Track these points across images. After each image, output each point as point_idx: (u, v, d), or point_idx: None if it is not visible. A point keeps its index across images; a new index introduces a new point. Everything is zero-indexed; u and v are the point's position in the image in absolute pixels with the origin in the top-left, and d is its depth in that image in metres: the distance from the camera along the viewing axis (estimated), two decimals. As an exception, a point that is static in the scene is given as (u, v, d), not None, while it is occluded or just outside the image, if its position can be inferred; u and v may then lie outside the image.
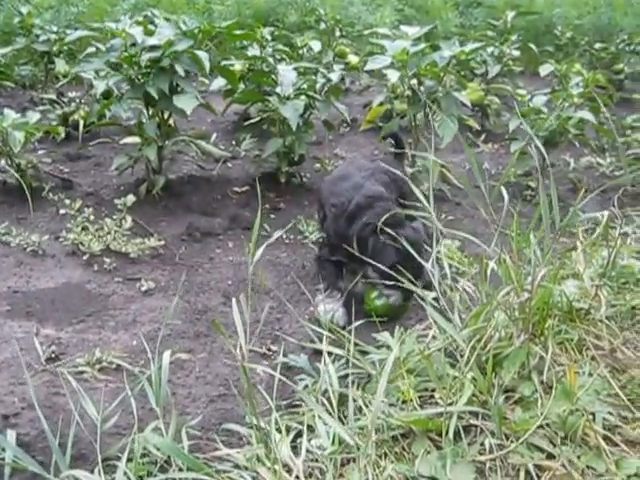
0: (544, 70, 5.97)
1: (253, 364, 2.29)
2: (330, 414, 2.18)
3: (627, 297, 2.96)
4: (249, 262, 2.25)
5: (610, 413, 2.16)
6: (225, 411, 2.45)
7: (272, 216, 4.18)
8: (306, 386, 2.43)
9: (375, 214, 3.01)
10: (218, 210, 4.18)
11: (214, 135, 5.19)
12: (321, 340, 2.61)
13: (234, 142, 5.18)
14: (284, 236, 3.93)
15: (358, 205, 3.16)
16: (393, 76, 4.02)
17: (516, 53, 6.91)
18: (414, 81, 4.32)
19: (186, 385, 2.58)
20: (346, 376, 2.46)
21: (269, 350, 2.86)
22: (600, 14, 9.95)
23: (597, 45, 8.50)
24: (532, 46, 7.08)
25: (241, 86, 4.82)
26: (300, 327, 3.01)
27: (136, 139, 4.17)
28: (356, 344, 2.61)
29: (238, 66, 4.75)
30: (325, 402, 2.23)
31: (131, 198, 3.80)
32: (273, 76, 4.23)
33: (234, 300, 2.13)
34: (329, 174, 4.75)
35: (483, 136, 5.92)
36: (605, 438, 2.05)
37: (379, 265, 2.87)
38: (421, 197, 2.78)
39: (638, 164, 5.45)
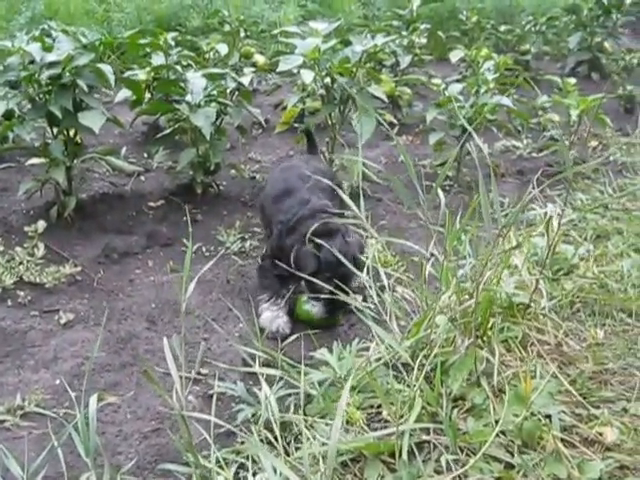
0: (454, 56, 5.99)
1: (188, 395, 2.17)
2: (273, 445, 2.09)
3: (565, 286, 2.95)
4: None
5: (564, 412, 2.12)
6: (160, 447, 2.31)
7: (190, 229, 4.02)
8: (245, 417, 2.31)
9: (310, 226, 2.93)
10: (134, 228, 3.99)
11: (124, 149, 4.99)
12: (253, 358, 2.51)
13: (145, 154, 4.99)
14: (204, 249, 3.80)
15: (300, 218, 3.12)
16: (307, 76, 3.91)
17: (423, 41, 6.91)
18: (327, 79, 4.23)
19: (115, 422, 2.42)
20: (285, 396, 2.38)
21: (200, 374, 2.72)
22: (502, -4, 10.08)
23: (502, 27, 8.57)
24: (440, 33, 7.09)
25: (147, 95, 4.66)
26: (230, 346, 2.89)
27: (43, 160, 3.96)
28: (293, 361, 2.53)
29: (142, 75, 4.58)
30: (267, 433, 2.14)
31: (42, 224, 3.59)
32: (181, 84, 4.08)
33: (165, 341, 1.98)
34: (260, 183, 4.67)
35: (397, 128, 5.88)
36: (562, 440, 2.00)
37: (299, 274, 2.82)
38: (350, 202, 2.71)
39: (554, 145, 5.51)
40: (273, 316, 3.06)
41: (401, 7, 7.70)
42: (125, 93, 4.49)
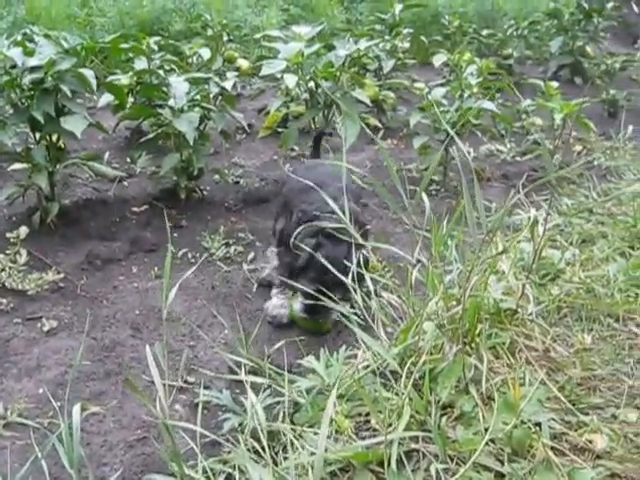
0: (437, 60, 5.98)
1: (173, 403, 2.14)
2: (261, 454, 2.07)
3: (552, 291, 2.94)
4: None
5: (553, 419, 2.10)
6: (146, 457, 2.27)
7: (175, 235, 3.99)
8: (232, 426, 2.28)
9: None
10: (118, 234, 3.94)
11: (106, 154, 4.95)
12: (240, 366, 2.49)
13: (128, 159, 4.95)
14: (189, 255, 3.76)
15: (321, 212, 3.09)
16: (291, 80, 3.89)
17: (406, 45, 6.91)
18: (311, 83, 4.21)
19: (100, 432, 2.38)
20: (272, 405, 2.35)
21: (186, 382, 2.69)
22: (483, 0, 10.09)
23: (484, 32, 8.60)
24: (422, 38, 7.10)
25: (130, 100, 4.62)
26: (216, 354, 2.86)
27: (25, 165, 3.92)
28: (279, 369, 2.51)
29: (125, 80, 4.54)
30: (254, 443, 2.11)
31: (24, 230, 3.53)
32: (164, 88, 4.05)
33: (148, 349, 1.95)
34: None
35: (381, 132, 5.87)
36: (552, 448, 1.98)
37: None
38: (335, 207, 2.70)
39: (538, 149, 5.52)
40: (278, 304, 3.15)
41: (383, 12, 7.70)
42: (108, 98, 4.45)
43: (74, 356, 2.77)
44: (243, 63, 6.61)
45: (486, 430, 2.00)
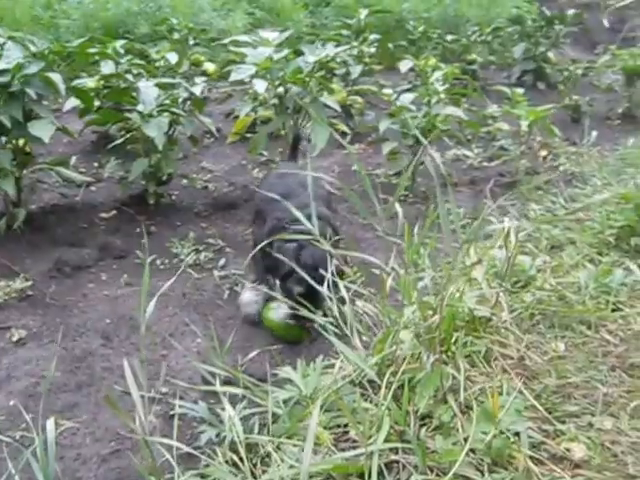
0: (404, 66, 6.01)
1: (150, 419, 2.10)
2: (239, 467, 2.04)
3: (525, 298, 2.96)
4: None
5: (531, 428, 2.11)
6: (121, 470, 2.24)
7: (143, 241, 3.95)
8: (209, 439, 2.25)
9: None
10: (86, 240, 3.89)
11: (73, 158, 4.89)
12: (214, 376, 2.46)
13: (95, 164, 4.90)
14: (158, 262, 3.73)
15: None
16: (260, 86, 3.88)
17: (372, 50, 6.93)
18: (280, 89, 4.20)
19: (74, 445, 2.34)
20: (248, 416, 2.33)
21: (159, 393, 2.65)
22: (446, 6, 10.15)
23: (449, 37, 8.65)
24: (389, 44, 7.13)
25: (96, 103, 4.56)
26: (188, 363, 2.83)
27: (-9, 170, 3.85)
28: (255, 379, 2.49)
29: (91, 83, 4.48)
30: (232, 455, 2.09)
31: (-9, 237, 3.50)
32: (133, 93, 4.00)
33: (125, 363, 1.92)
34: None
35: (349, 137, 5.87)
36: (531, 457, 1.98)
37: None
38: (300, 215, 2.67)
39: (504, 154, 5.56)
40: (251, 300, 3.19)
41: (348, 16, 7.71)
42: (74, 101, 4.38)
43: (45, 366, 2.73)
44: (209, 67, 6.58)
45: (465, 440, 2.00)
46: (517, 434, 2.05)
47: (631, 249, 3.59)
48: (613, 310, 2.98)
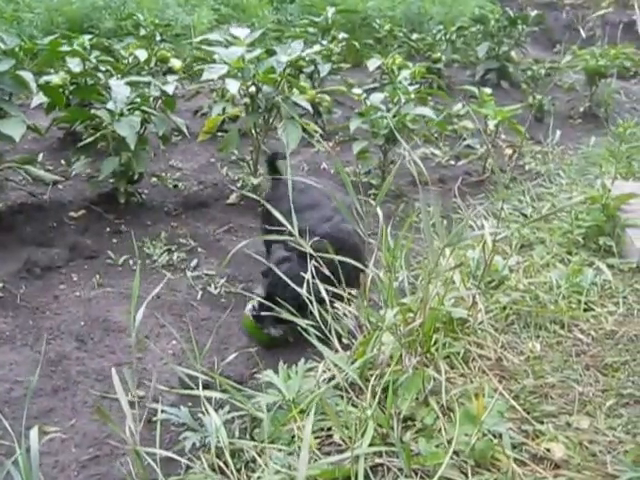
0: (372, 65, 6.04)
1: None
2: (222, 473, 2.04)
3: (499, 299, 2.99)
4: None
5: (511, 429, 2.13)
6: (101, 476, 2.22)
7: (114, 240, 3.91)
8: (194, 444, 2.23)
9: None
10: (56, 239, 3.83)
11: (40, 155, 4.82)
12: (190, 378, 2.44)
13: (63, 161, 4.83)
14: (130, 262, 3.69)
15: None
16: (233, 86, 3.85)
17: (339, 48, 6.94)
18: (252, 88, 4.18)
19: (51, 452, 2.31)
20: (229, 420, 2.32)
21: (136, 396, 2.63)
22: (410, 4, 10.17)
23: (414, 36, 8.69)
24: (355, 43, 7.14)
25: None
26: (165, 365, 2.82)
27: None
28: (232, 381, 2.48)
29: (57, 79, 4.41)
30: (215, 460, 2.08)
31: (-42, 236, 3.44)
32: (103, 91, 3.95)
33: (114, 372, 1.90)
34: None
35: (317, 135, 5.86)
36: (513, 458, 2.01)
37: None
38: (279, 216, 2.66)
39: (471, 153, 5.61)
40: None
41: (313, 14, 7.71)
42: (41, 97, 4.32)
43: (19, 371, 2.71)
44: (176, 63, 6.51)
45: (449, 442, 2.01)
46: (498, 435, 2.08)
47: (599, 248, 3.66)
48: (585, 310, 3.03)
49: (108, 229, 3.99)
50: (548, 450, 2.09)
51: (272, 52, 4.16)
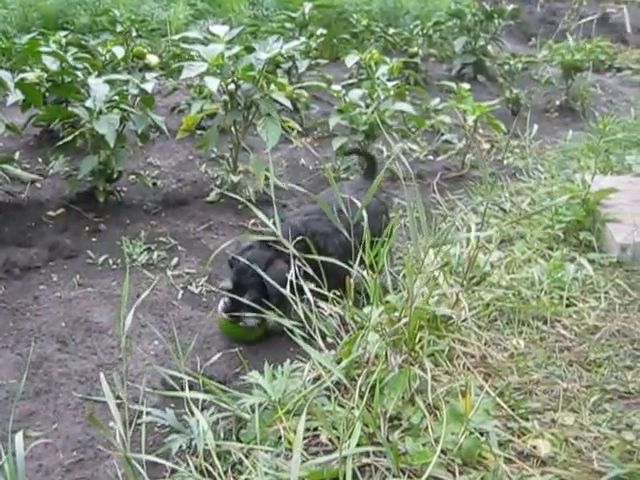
0: (349, 61, 6.02)
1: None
2: (207, 475, 2.03)
3: (482, 295, 2.99)
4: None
5: (497, 427, 2.14)
6: (86, 480, 2.21)
7: (94, 239, 3.87)
8: (179, 447, 2.22)
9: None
10: (35, 239, 3.79)
11: (17, 154, 4.77)
12: (173, 378, 2.42)
13: (40, 159, 4.78)
14: (110, 261, 3.66)
15: None
16: (213, 84, 3.81)
17: (314, 44, 6.93)
18: (232, 86, 4.16)
19: (34, 456, 2.27)
20: (215, 421, 2.30)
21: (118, 398, 2.60)
22: (386, -1, 10.20)
23: (391, 30, 8.69)
24: (332, 37, 7.12)
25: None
26: (147, 366, 2.79)
27: None
28: (217, 382, 2.47)
29: (33, 76, 4.36)
30: (201, 461, 2.06)
31: None
32: (81, 89, 3.91)
33: (102, 377, 1.88)
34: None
35: (295, 131, 5.85)
36: (500, 456, 2.02)
37: None
38: (260, 214, 2.64)
39: (449, 148, 5.61)
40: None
41: (289, 9, 7.68)
42: (18, 96, 4.26)
43: (0, 374, 2.66)
44: (152, 59, 6.47)
45: (436, 441, 2.02)
46: (484, 433, 2.08)
47: (580, 243, 3.68)
48: (567, 305, 3.05)
49: (87, 228, 3.95)
50: (534, 447, 2.10)
51: (251, 49, 4.13)
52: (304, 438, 2.13)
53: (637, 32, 11.58)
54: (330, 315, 2.57)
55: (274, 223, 2.60)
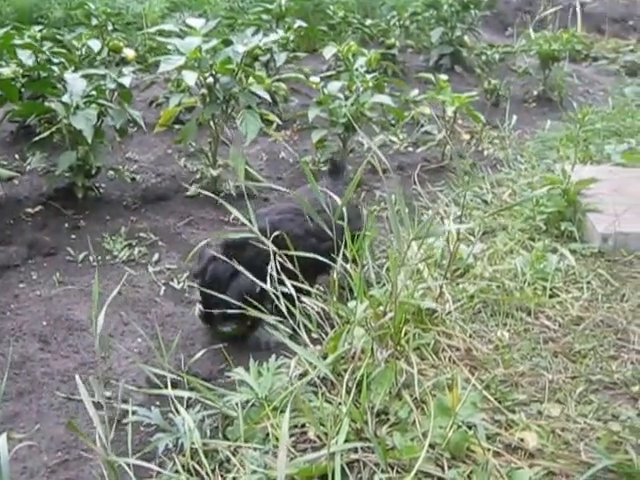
0: (327, 53, 5.99)
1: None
2: (194, 474, 2.01)
3: (465, 287, 2.99)
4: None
5: (484, 419, 2.14)
6: (70, 482, 2.19)
7: (73, 236, 3.83)
8: (166, 446, 2.19)
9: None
10: (13, 237, 3.74)
11: (-7, 150, 4.73)
12: (159, 377, 2.40)
13: (17, 156, 4.72)
14: (91, 258, 3.62)
15: None
16: (190, 78, 3.78)
17: (291, 36, 6.90)
18: (210, 79, 4.12)
19: (19, 457, 2.23)
20: (201, 419, 2.28)
21: (103, 397, 2.57)
22: (363, -11, 10.16)
23: (368, 22, 8.68)
24: (311, 31, 7.10)
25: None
26: (131, 364, 2.77)
27: None
28: (201, 378, 2.46)
29: (8, 71, 4.30)
30: (188, 460, 2.04)
31: None
32: (58, 84, 3.86)
33: (78, 379, 1.85)
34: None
35: (275, 124, 5.82)
36: (488, 449, 2.01)
37: None
38: (234, 210, 2.61)
39: (429, 139, 5.60)
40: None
41: (266, 0, 7.63)
42: (-8, 92, 4.21)
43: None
44: (129, 53, 6.41)
45: (424, 435, 2.01)
46: (472, 427, 2.08)
47: (561, 234, 3.68)
48: (550, 296, 3.05)
49: (66, 225, 3.91)
50: (522, 440, 2.10)
51: (229, 42, 4.10)
52: (292, 435, 2.12)
53: (613, 23, 11.63)
54: (312, 309, 2.55)
55: (250, 221, 2.56)
